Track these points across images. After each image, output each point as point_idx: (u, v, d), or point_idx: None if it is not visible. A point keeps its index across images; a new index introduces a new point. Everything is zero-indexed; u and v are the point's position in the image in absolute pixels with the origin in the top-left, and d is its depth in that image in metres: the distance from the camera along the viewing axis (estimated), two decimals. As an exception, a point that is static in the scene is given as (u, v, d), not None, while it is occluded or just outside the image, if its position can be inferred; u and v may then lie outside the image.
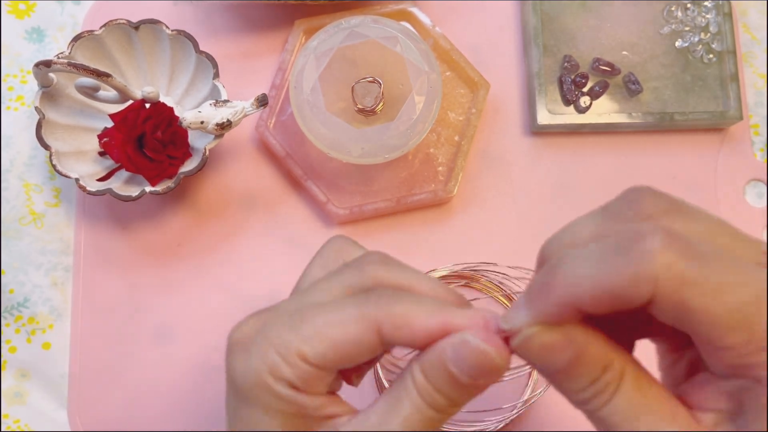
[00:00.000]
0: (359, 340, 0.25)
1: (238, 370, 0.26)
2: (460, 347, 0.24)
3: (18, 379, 0.46)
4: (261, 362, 0.25)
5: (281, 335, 0.25)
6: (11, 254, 0.47)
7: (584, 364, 0.23)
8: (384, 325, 0.25)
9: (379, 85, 0.43)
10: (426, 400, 0.25)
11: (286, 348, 0.25)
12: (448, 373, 0.24)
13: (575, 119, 0.49)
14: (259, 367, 0.25)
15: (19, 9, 0.50)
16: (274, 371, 0.25)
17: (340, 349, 0.25)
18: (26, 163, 0.48)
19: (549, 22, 0.50)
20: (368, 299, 0.25)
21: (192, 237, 0.47)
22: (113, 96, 0.44)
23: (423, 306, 0.25)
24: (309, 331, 0.25)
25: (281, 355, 0.25)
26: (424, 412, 0.25)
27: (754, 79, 0.52)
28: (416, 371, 0.25)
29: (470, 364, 0.24)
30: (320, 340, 0.25)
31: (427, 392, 0.25)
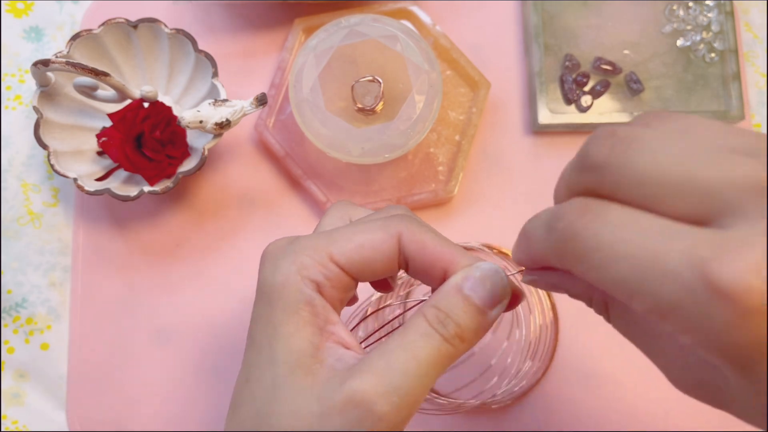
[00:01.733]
0: (381, 244, 0.27)
1: (267, 274, 0.28)
2: (473, 272, 0.27)
3: (16, 379, 0.46)
4: (291, 263, 0.27)
5: (312, 242, 0.28)
6: (9, 254, 0.47)
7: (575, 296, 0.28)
8: (404, 235, 0.28)
9: (379, 84, 0.43)
10: (438, 330, 0.26)
11: (315, 250, 0.27)
12: (462, 297, 0.27)
13: (576, 119, 0.48)
14: (288, 268, 0.27)
15: (17, 8, 0.50)
16: (302, 270, 0.27)
17: (364, 251, 0.27)
18: (24, 163, 0.48)
19: (550, 20, 0.50)
20: (393, 218, 0.28)
21: (191, 237, 0.47)
22: (112, 95, 0.44)
23: (438, 238, 0.28)
24: (338, 236, 0.28)
25: (311, 257, 0.27)
26: (435, 344, 0.26)
27: (756, 78, 0.52)
28: (426, 308, 0.27)
29: (484, 286, 0.27)
30: (348, 241, 0.27)
31: (439, 320, 0.26)
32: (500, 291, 0.27)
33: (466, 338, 0.27)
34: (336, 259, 0.27)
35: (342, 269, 0.27)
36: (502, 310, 0.28)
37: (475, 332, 0.27)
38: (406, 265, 0.28)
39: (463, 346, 0.27)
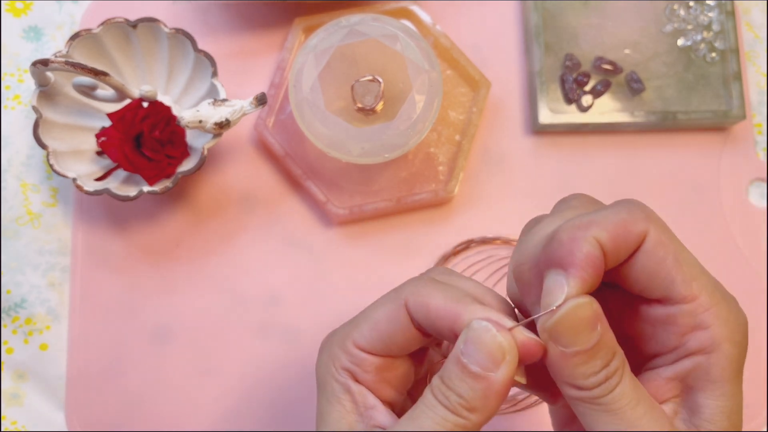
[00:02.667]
0: (393, 317, 0.27)
1: (316, 366, 0.30)
2: (467, 334, 0.25)
3: (15, 380, 0.46)
4: (327, 355, 0.29)
5: (343, 330, 0.29)
6: (8, 254, 0.47)
7: (604, 346, 0.24)
8: (409, 301, 0.27)
9: (379, 83, 0.43)
10: (443, 403, 0.25)
11: (342, 339, 0.28)
12: (460, 365, 0.25)
13: (577, 118, 0.48)
14: (325, 360, 0.29)
15: (16, 8, 0.50)
16: (335, 360, 0.28)
17: (378, 326, 0.28)
18: (23, 163, 0.48)
19: (551, 20, 0.50)
20: (405, 284, 0.29)
21: (190, 237, 0.47)
22: (111, 95, 0.44)
23: (446, 293, 0.27)
24: (361, 318, 0.29)
25: (339, 346, 0.28)
26: (441, 415, 0.25)
27: (757, 77, 0.52)
28: (435, 378, 0.26)
29: (477, 348, 0.25)
30: (366, 323, 0.28)
31: (442, 393, 0.25)
32: (496, 350, 0.25)
33: (477, 408, 0.25)
34: (359, 344, 0.28)
35: (365, 351, 0.28)
36: (512, 369, 0.25)
37: (484, 400, 0.25)
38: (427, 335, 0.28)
39: (477, 416, 0.25)
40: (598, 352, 0.24)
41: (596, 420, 0.24)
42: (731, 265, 0.49)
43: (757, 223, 0.49)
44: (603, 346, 0.24)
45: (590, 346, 0.24)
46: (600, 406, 0.24)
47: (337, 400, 0.28)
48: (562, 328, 0.24)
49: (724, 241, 0.49)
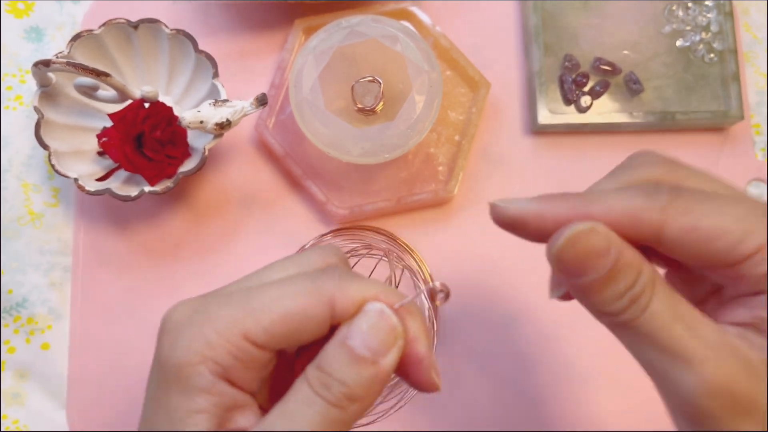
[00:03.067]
0: (311, 312, 0.24)
1: (164, 349, 0.24)
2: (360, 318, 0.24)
3: (17, 379, 0.46)
4: (193, 340, 0.23)
5: (224, 312, 0.24)
6: (10, 254, 0.47)
7: (623, 268, 0.23)
8: (338, 300, 0.24)
9: (379, 84, 0.43)
10: (317, 390, 0.23)
11: (226, 324, 0.23)
12: (347, 350, 0.23)
13: (576, 119, 0.48)
14: (189, 346, 0.23)
15: (18, 8, 0.50)
16: (206, 350, 0.23)
17: (289, 321, 0.23)
18: (25, 163, 0.48)
19: (550, 21, 0.50)
20: (324, 274, 0.24)
21: (191, 237, 0.47)
22: (112, 95, 0.44)
23: (376, 287, 0.25)
24: (256, 303, 0.24)
25: (219, 333, 0.23)
26: (319, 410, 0.23)
27: (755, 78, 0.52)
28: (310, 369, 0.24)
29: (370, 332, 0.23)
30: (268, 312, 0.23)
31: (321, 383, 0.23)
32: (389, 333, 0.24)
33: (358, 397, 0.23)
34: (252, 337, 0.23)
35: (258, 347, 0.23)
36: (400, 354, 0.24)
37: (368, 388, 0.23)
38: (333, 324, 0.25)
39: (356, 406, 0.23)
40: (616, 275, 0.23)
41: (634, 344, 0.23)
42: (730, 264, 0.49)
43: (756, 223, 0.49)
44: (622, 269, 0.23)
45: (604, 273, 0.23)
46: (632, 329, 0.23)
47: (194, 396, 0.23)
48: (566, 257, 0.23)
49: (723, 241, 0.49)
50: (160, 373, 0.24)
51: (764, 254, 0.22)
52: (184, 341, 0.24)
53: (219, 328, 0.23)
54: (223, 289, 0.26)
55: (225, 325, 0.23)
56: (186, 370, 0.23)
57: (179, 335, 0.24)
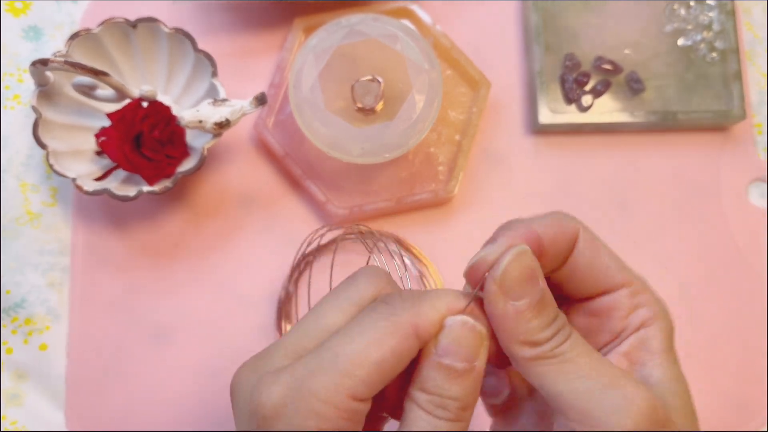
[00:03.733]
0: (400, 350, 0.24)
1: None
2: (445, 336, 0.25)
3: (15, 380, 0.46)
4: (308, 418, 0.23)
5: (323, 381, 0.23)
6: (8, 254, 0.47)
7: (549, 301, 0.26)
8: (420, 327, 0.24)
9: (379, 83, 0.43)
10: (436, 414, 0.24)
11: (331, 392, 0.23)
12: (444, 369, 0.24)
13: (577, 118, 0.48)
14: (306, 425, 0.23)
15: (16, 7, 0.50)
16: (322, 424, 0.23)
17: (383, 367, 0.24)
18: (23, 163, 0.48)
19: (551, 20, 0.50)
20: (393, 307, 0.25)
21: (190, 237, 0.47)
22: (111, 95, 0.44)
23: (443, 297, 0.26)
24: (348, 362, 0.23)
25: (329, 403, 0.23)
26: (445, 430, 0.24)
27: (757, 77, 0.52)
28: (415, 394, 0.25)
29: (459, 345, 0.25)
30: (364, 366, 0.23)
31: (435, 405, 0.24)
32: (476, 339, 0.25)
33: (470, 404, 0.25)
34: (357, 395, 0.23)
35: (364, 401, 0.24)
36: (486, 354, 0.25)
37: (474, 392, 0.25)
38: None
39: (470, 412, 0.25)
40: (545, 307, 0.25)
41: (555, 375, 0.25)
42: (731, 264, 0.49)
43: (757, 223, 0.49)
44: (548, 302, 0.25)
45: (539, 298, 0.25)
46: (556, 358, 0.25)
47: None
48: (510, 276, 0.25)
49: (724, 241, 0.49)
50: None
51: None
52: (296, 420, 0.23)
53: (325, 398, 0.23)
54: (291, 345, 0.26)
55: (328, 393, 0.23)
56: None
57: (290, 419, 0.23)
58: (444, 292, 0.26)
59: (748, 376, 0.47)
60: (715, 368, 0.47)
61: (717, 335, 0.48)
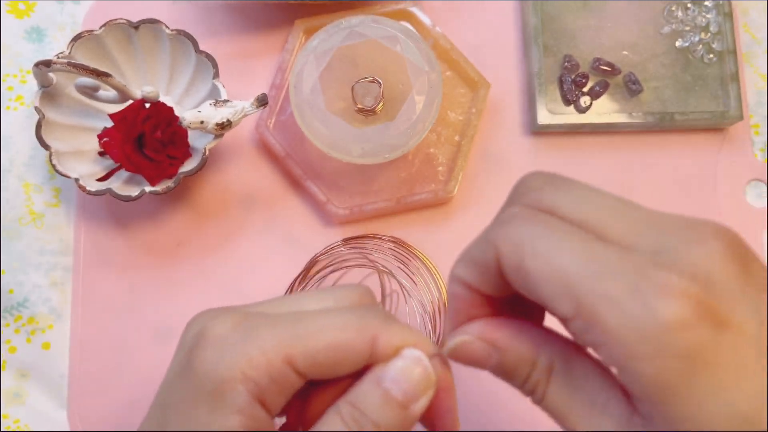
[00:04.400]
0: (355, 347, 0.24)
1: (206, 363, 0.24)
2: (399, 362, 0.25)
3: (18, 379, 0.46)
4: (239, 357, 0.23)
5: (271, 333, 0.24)
6: (11, 254, 0.47)
7: (514, 366, 0.24)
8: (381, 340, 0.24)
9: (379, 84, 0.43)
10: (350, 428, 0.24)
11: (272, 345, 0.23)
12: (381, 391, 0.24)
13: (575, 119, 0.48)
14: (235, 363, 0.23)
15: (18, 9, 0.50)
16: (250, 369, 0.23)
17: (333, 352, 0.24)
18: (26, 163, 0.48)
19: (549, 21, 0.50)
20: (369, 312, 0.25)
21: (192, 237, 0.47)
22: (113, 96, 0.44)
23: (415, 335, 0.25)
24: (303, 329, 0.24)
25: (265, 354, 0.23)
26: None
27: (754, 78, 0.52)
28: (342, 404, 0.24)
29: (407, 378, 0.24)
30: (316, 339, 0.24)
31: (354, 419, 0.24)
32: (425, 381, 0.25)
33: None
34: (295, 363, 0.23)
35: (298, 373, 0.24)
36: (426, 404, 0.25)
37: (399, 429, 0.24)
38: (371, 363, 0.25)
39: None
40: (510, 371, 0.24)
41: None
42: (729, 264, 0.49)
43: (755, 223, 0.50)
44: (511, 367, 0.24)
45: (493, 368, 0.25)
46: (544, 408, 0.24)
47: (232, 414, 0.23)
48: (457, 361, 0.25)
49: (722, 241, 0.49)
50: (192, 384, 0.24)
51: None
52: (228, 357, 0.23)
53: (264, 348, 0.23)
54: (261, 306, 0.26)
55: (270, 346, 0.23)
56: (225, 387, 0.23)
57: (224, 350, 0.24)
58: (417, 332, 0.26)
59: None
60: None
61: (714, 334, 0.48)
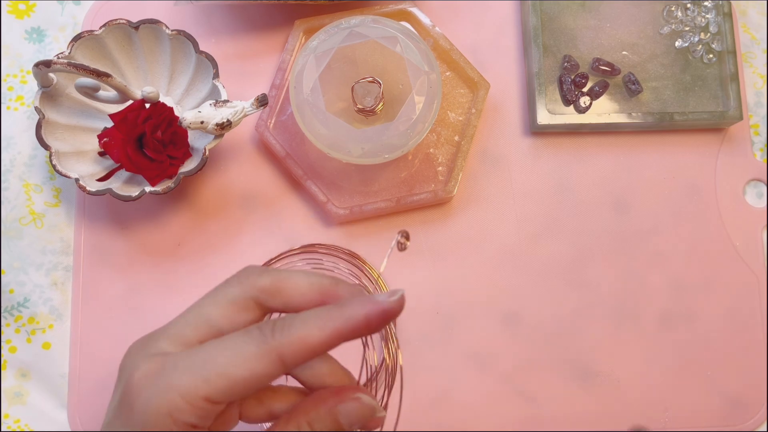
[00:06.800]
0: (261, 373, 0.27)
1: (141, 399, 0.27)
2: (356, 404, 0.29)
3: (18, 378, 0.46)
4: (162, 400, 0.27)
5: (186, 378, 0.27)
6: (11, 254, 0.47)
7: None
8: (286, 354, 0.27)
9: (379, 85, 0.43)
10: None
11: (188, 390, 0.26)
12: (336, 423, 0.29)
13: (575, 119, 0.49)
14: (159, 406, 0.27)
15: (19, 9, 0.50)
16: (175, 412, 0.26)
17: (242, 385, 0.27)
18: (26, 163, 0.48)
19: (549, 22, 0.50)
20: (263, 335, 0.27)
21: (192, 237, 0.47)
22: (113, 96, 0.44)
23: (313, 322, 0.27)
24: (212, 368, 0.27)
25: (185, 398, 0.26)
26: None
27: (753, 79, 0.52)
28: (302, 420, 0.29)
29: (359, 417, 0.29)
30: (225, 379, 0.26)
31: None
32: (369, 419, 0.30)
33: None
34: (213, 399, 0.27)
35: (219, 403, 0.27)
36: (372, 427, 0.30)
37: None
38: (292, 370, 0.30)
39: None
40: None
41: None
42: (728, 264, 0.49)
43: (754, 222, 0.50)
44: None
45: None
46: None
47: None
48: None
49: (721, 241, 0.49)
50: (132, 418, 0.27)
51: None
52: (154, 401, 0.27)
53: (183, 393, 0.26)
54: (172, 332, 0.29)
55: (188, 390, 0.26)
56: (158, 422, 0.27)
57: (149, 390, 0.27)
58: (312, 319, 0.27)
59: (746, 376, 0.48)
60: (713, 368, 0.48)
61: (714, 334, 0.48)
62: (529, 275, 0.48)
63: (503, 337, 0.47)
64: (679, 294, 0.48)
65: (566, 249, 0.48)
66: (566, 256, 0.48)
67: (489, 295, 0.47)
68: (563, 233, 0.49)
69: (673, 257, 0.49)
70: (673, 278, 0.48)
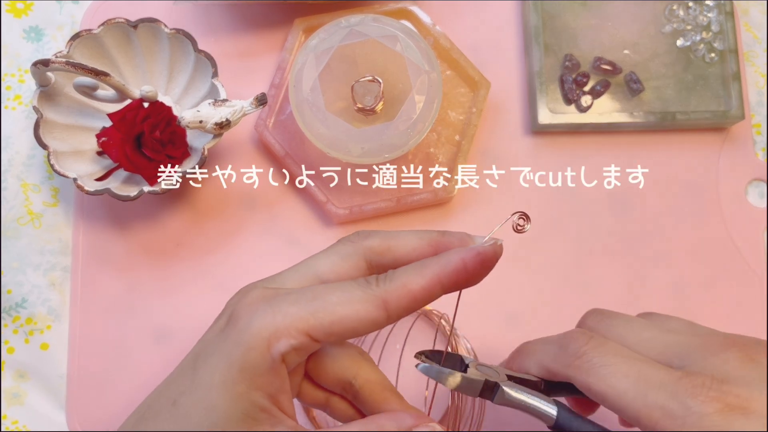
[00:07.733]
0: (365, 316, 0.27)
1: (242, 322, 0.27)
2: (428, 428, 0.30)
3: (16, 379, 0.46)
4: (266, 325, 0.27)
5: (293, 309, 0.27)
6: (9, 254, 0.47)
7: None
8: (390, 301, 0.28)
9: (379, 84, 0.43)
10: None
11: (294, 320, 0.27)
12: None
13: (576, 119, 0.48)
14: (261, 330, 0.27)
15: (17, 8, 0.50)
16: (275, 337, 0.27)
17: (346, 324, 0.27)
18: (24, 163, 0.48)
19: (550, 20, 0.50)
20: (369, 282, 0.28)
21: (191, 237, 0.47)
22: (112, 95, 0.44)
23: (414, 270, 0.28)
24: (319, 306, 0.27)
25: (287, 327, 0.27)
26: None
27: (756, 78, 0.52)
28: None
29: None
30: (329, 314, 0.27)
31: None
32: None
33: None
34: (313, 335, 0.27)
35: (316, 341, 0.27)
36: None
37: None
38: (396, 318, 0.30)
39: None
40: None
41: None
42: (730, 264, 0.49)
43: (756, 222, 0.49)
44: None
45: None
46: None
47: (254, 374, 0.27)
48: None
49: (723, 241, 0.49)
50: (234, 339, 0.27)
51: None
52: (258, 324, 0.27)
53: (287, 322, 0.27)
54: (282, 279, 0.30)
55: (293, 319, 0.27)
56: (255, 349, 0.27)
57: (255, 316, 0.27)
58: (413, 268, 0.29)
59: (746, 376, 0.47)
60: (713, 368, 0.47)
61: (716, 335, 0.48)
62: (530, 273, 0.48)
63: (503, 337, 0.47)
64: (680, 294, 0.48)
65: (567, 249, 0.48)
66: (567, 255, 0.48)
67: (489, 295, 0.47)
68: (564, 233, 0.48)
69: (675, 257, 0.49)
70: (674, 278, 0.48)
